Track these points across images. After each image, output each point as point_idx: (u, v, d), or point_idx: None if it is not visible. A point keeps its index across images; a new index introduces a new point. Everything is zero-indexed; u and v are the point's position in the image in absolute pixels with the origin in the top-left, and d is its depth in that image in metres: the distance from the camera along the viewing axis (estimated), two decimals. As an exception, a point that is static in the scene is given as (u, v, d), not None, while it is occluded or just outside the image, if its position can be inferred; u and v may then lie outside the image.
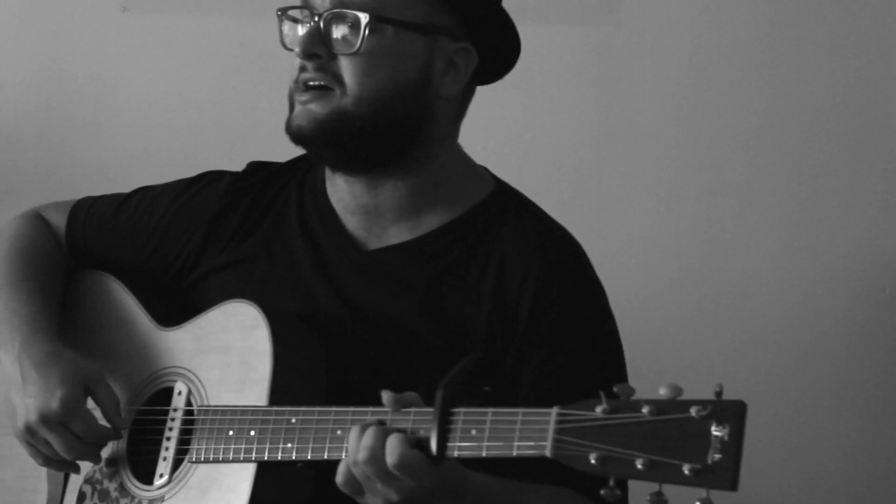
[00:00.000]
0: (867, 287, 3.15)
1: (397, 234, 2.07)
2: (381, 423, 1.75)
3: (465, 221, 2.06)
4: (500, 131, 3.19)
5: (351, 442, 1.74)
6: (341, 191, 2.08)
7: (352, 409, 1.79)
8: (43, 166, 3.23)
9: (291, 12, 2.03)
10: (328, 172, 2.11)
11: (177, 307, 2.12)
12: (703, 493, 1.50)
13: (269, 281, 2.07)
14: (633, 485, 1.69)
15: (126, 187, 2.32)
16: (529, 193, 2.16)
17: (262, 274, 2.09)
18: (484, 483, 1.82)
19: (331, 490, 1.87)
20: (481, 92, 3.31)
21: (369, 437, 1.73)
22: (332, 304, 2.03)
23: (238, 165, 2.24)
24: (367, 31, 1.95)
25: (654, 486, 1.56)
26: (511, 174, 3.19)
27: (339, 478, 1.76)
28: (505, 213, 2.08)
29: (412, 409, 1.73)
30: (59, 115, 3.25)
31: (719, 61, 3.18)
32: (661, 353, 3.15)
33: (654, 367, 3.16)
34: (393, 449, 1.70)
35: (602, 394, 1.57)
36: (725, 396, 1.57)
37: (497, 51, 2.09)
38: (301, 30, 2.01)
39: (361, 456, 1.73)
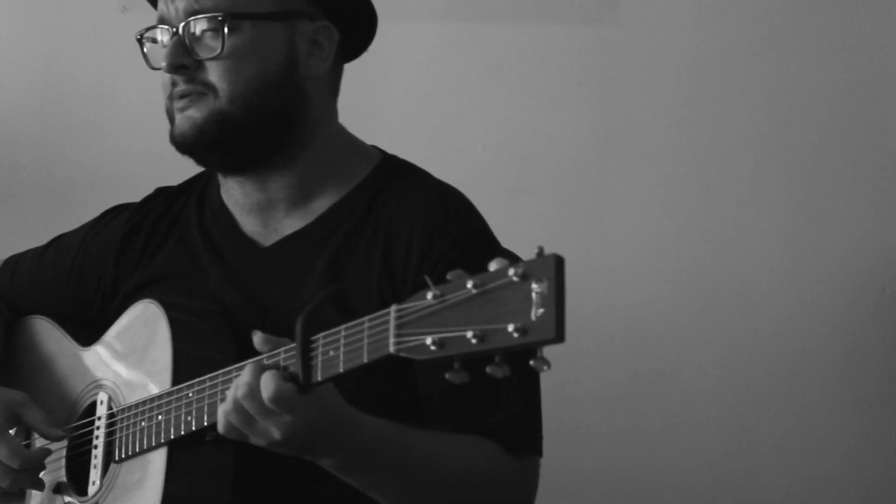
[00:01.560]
0: (867, 287, 3.15)
1: (292, 224, 2.09)
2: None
3: (353, 197, 2.08)
4: (500, 131, 3.19)
5: (243, 374, 1.76)
6: (234, 193, 2.11)
7: (236, 366, 1.81)
8: (43, 166, 3.23)
9: (149, 33, 2.08)
10: (221, 178, 2.15)
11: (102, 329, 2.16)
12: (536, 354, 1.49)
13: (180, 291, 2.09)
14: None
15: (126, 187, 2.33)
16: (529, 193, 2.16)
17: (174, 286, 2.12)
18: (377, 424, 1.82)
19: (254, 484, 1.91)
20: (481, 92, 3.31)
21: (246, 373, 1.74)
22: (239, 304, 2.05)
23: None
24: (226, 32, 1.99)
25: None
26: (511, 174, 3.20)
27: (220, 422, 1.77)
28: (389, 183, 2.09)
29: (281, 349, 1.75)
30: (59, 115, 3.25)
31: (719, 61, 3.18)
32: (661, 352, 3.15)
33: (654, 367, 3.16)
34: (266, 383, 1.71)
35: (429, 280, 1.57)
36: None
37: (354, 20, 2.11)
38: (163, 48, 2.04)
39: (240, 392, 1.73)
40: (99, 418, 2.05)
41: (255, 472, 1.92)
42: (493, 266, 1.53)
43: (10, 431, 2.06)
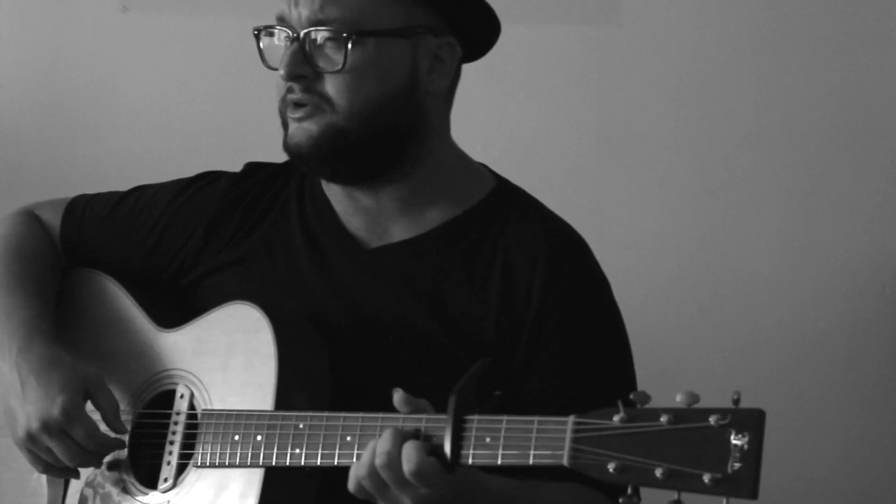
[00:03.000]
0: (867, 287, 3.15)
1: (399, 232, 2.05)
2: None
3: (469, 218, 2.05)
4: (500, 131, 3.19)
5: (382, 440, 1.73)
6: (339, 194, 2.08)
7: (361, 414, 1.78)
8: (43, 166, 3.23)
9: (268, 30, 2.01)
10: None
11: (175, 307, 2.10)
12: (721, 500, 1.50)
13: (268, 280, 2.06)
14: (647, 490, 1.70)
15: (126, 187, 2.32)
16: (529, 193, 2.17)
17: (262, 273, 2.07)
18: (501, 487, 1.81)
19: (335, 495, 1.86)
20: (481, 92, 3.31)
21: (386, 441, 1.72)
22: (333, 303, 2.02)
23: (238, 165, 2.24)
24: (349, 47, 1.94)
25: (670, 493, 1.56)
26: (511, 174, 3.19)
27: (352, 483, 1.75)
28: (508, 210, 2.06)
29: (423, 416, 1.72)
30: (59, 115, 3.25)
31: (719, 61, 3.18)
32: (662, 352, 3.15)
33: (654, 367, 3.15)
34: (410, 456, 1.69)
35: (620, 402, 1.56)
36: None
37: (478, 33, 2.08)
38: (280, 46, 1.99)
39: (379, 461, 1.71)
40: (178, 413, 2.00)
41: (337, 498, 1.88)
42: (680, 398, 1.55)
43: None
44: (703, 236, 3.17)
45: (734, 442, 1.49)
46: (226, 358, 1.98)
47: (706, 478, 1.48)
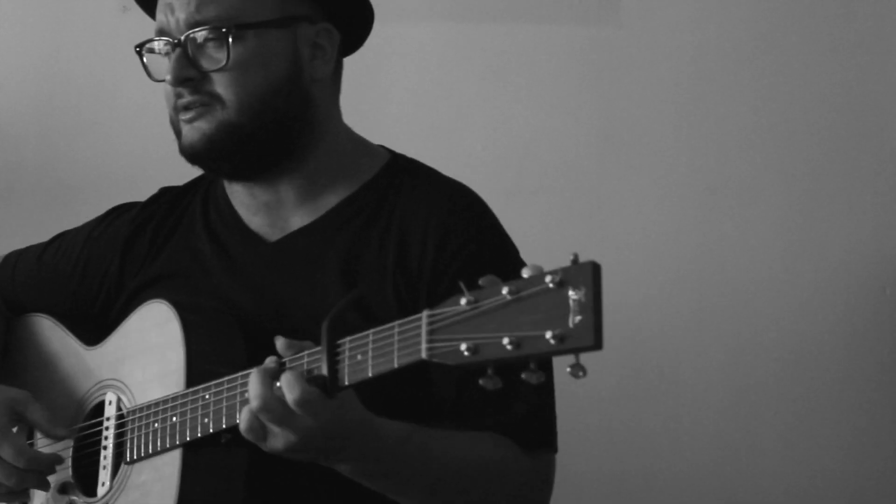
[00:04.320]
0: (867, 287, 3.15)
1: (299, 220, 2.09)
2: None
3: (362, 194, 2.08)
4: (500, 131, 3.19)
5: (252, 385, 1.74)
6: (240, 194, 2.12)
7: (254, 369, 1.79)
8: (43, 166, 3.23)
9: (149, 45, 2.07)
10: (227, 181, 2.15)
11: (107, 329, 2.15)
12: (572, 359, 1.50)
13: (186, 289, 2.09)
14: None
15: (126, 187, 2.33)
16: (529, 193, 2.16)
17: (180, 284, 2.12)
18: (394, 427, 1.82)
19: (268, 481, 1.91)
20: (481, 92, 3.31)
21: (255, 385, 1.73)
22: (247, 300, 2.05)
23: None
24: (230, 42, 1.98)
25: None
26: (511, 174, 3.20)
27: (243, 424, 1.76)
28: (400, 180, 2.09)
29: (304, 353, 1.74)
30: (59, 115, 3.25)
31: (719, 61, 3.18)
32: (661, 352, 3.15)
33: (654, 366, 3.16)
34: (293, 385, 1.71)
35: (463, 286, 1.56)
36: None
37: (352, 19, 2.11)
38: (162, 59, 2.04)
39: (255, 405, 1.73)
40: (108, 419, 2.05)
41: (268, 473, 1.92)
42: (526, 273, 1.53)
43: (13, 430, 2.06)
44: (703, 236, 3.17)
45: (572, 297, 1.47)
46: (143, 355, 2.03)
47: (548, 336, 1.48)
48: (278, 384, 1.73)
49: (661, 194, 3.17)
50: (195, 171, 2.27)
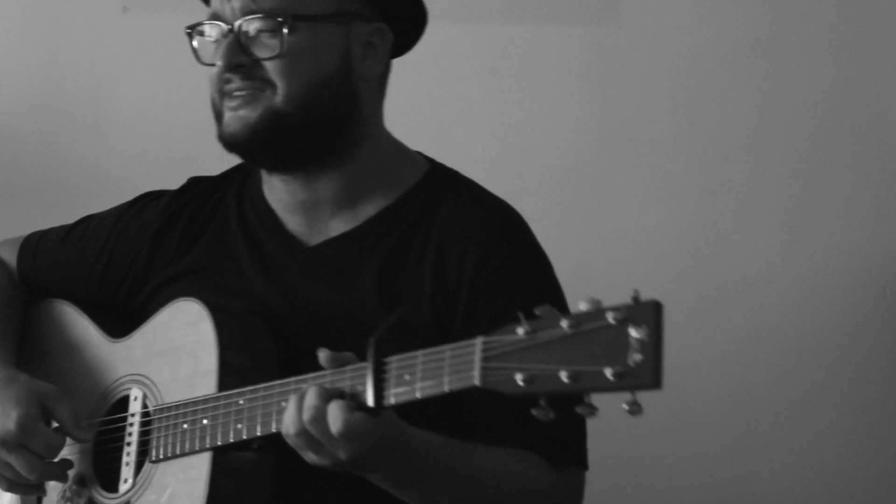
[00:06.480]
0: (867, 287, 3.15)
1: (337, 227, 2.08)
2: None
3: (402, 204, 2.07)
4: (500, 131, 3.19)
5: (290, 406, 1.75)
6: (279, 191, 2.10)
7: (293, 378, 1.80)
8: (43, 166, 3.23)
9: (200, 28, 2.06)
10: (264, 175, 2.13)
11: (131, 323, 2.14)
12: (628, 396, 1.52)
13: (215, 288, 2.08)
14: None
15: (126, 187, 2.32)
16: (529, 193, 2.16)
17: (209, 282, 2.10)
18: (426, 437, 1.82)
19: (292, 484, 1.90)
20: (481, 92, 3.31)
21: (312, 397, 1.73)
22: (279, 303, 2.04)
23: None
24: (285, 33, 1.98)
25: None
26: (511, 174, 3.20)
27: (292, 431, 1.75)
28: (440, 191, 2.08)
29: (348, 367, 1.74)
30: (59, 115, 3.25)
31: (719, 61, 3.18)
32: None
33: (654, 367, 3.16)
34: (335, 416, 1.71)
35: (521, 315, 1.57)
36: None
37: (407, 21, 2.11)
38: (212, 43, 2.03)
39: (307, 416, 1.73)
40: (132, 415, 2.03)
41: (294, 478, 1.91)
42: (583, 306, 1.54)
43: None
44: (703, 236, 3.17)
45: (633, 335, 1.49)
46: (173, 354, 2.01)
47: (608, 373, 1.49)
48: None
49: (660, 194, 3.17)
50: (195, 172, 2.27)
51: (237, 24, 2.00)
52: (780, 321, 3.15)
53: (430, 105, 3.20)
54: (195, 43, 2.06)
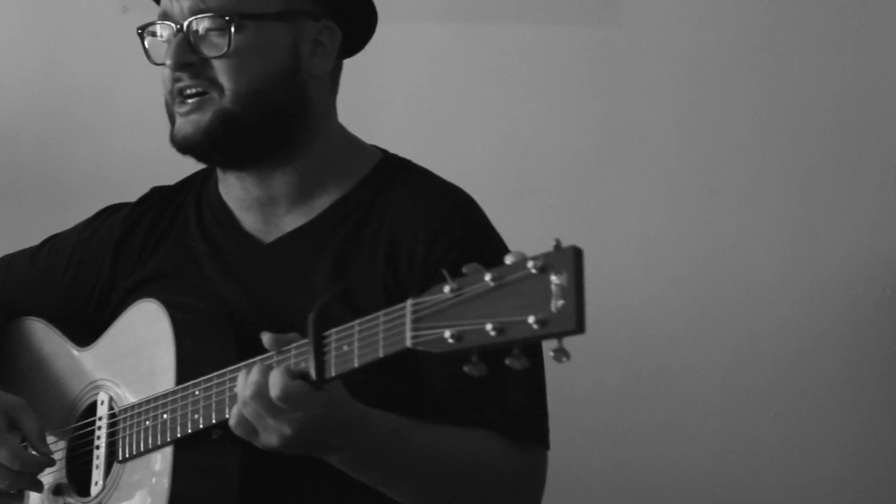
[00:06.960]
0: (867, 287, 3.15)
1: (293, 221, 2.09)
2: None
3: (355, 194, 2.09)
4: (500, 131, 3.19)
5: (238, 383, 1.77)
6: (234, 188, 2.12)
7: (241, 364, 1.82)
8: (43, 166, 3.23)
9: (151, 28, 2.08)
10: (220, 174, 2.15)
11: (99, 330, 2.16)
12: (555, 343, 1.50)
13: (180, 289, 2.10)
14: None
15: (126, 187, 2.32)
16: (529, 193, 2.16)
17: (173, 284, 2.12)
18: (384, 417, 1.84)
19: (263, 476, 1.92)
20: (481, 92, 3.31)
21: (254, 373, 1.76)
22: (240, 301, 2.06)
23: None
24: (233, 31, 2.00)
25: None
26: (511, 174, 3.20)
27: (232, 420, 1.78)
28: (393, 178, 2.10)
29: (292, 346, 1.76)
30: (59, 116, 3.25)
31: (719, 61, 3.18)
32: (662, 352, 3.16)
33: (654, 367, 3.16)
34: (275, 381, 1.73)
35: (446, 274, 1.57)
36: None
37: (356, 20, 2.12)
38: (163, 43, 2.06)
39: (248, 392, 1.75)
40: (100, 418, 2.06)
41: (261, 471, 1.93)
42: (509, 259, 1.54)
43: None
44: (703, 236, 3.17)
45: (554, 282, 1.48)
46: (135, 354, 2.04)
47: (531, 321, 1.49)
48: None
49: (661, 194, 3.17)
50: (195, 171, 2.27)
51: (186, 23, 2.02)
52: (781, 321, 3.15)
53: (431, 105, 3.20)
54: (147, 43, 2.09)
